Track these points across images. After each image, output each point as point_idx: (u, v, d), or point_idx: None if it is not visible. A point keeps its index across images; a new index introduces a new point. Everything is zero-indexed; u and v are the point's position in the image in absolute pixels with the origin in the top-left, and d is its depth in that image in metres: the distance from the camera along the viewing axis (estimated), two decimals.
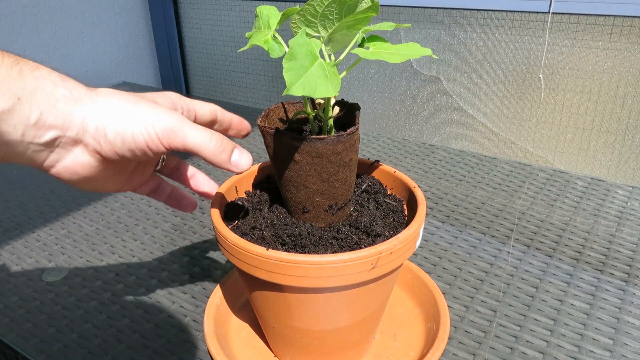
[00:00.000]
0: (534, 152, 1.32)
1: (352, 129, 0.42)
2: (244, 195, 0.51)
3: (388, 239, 0.41)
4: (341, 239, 0.43)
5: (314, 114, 0.46)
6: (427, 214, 0.75)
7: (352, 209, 0.47)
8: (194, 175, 0.49)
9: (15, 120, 0.32)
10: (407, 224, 0.45)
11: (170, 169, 0.48)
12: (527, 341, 0.53)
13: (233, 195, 0.50)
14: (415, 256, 0.66)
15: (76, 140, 0.35)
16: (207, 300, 0.55)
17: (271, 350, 0.52)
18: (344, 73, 0.42)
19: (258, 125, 0.44)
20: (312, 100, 0.46)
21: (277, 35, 0.43)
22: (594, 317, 0.55)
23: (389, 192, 0.51)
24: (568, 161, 1.30)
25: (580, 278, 0.61)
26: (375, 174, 0.53)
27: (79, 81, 0.36)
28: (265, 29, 0.44)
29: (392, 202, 0.49)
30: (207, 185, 0.49)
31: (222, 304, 0.55)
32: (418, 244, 0.44)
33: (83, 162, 0.36)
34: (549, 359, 0.50)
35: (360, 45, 0.43)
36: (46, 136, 0.34)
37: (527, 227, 0.72)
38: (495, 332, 0.54)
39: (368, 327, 0.48)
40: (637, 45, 1.13)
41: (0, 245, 0.71)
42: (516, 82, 1.28)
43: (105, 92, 0.36)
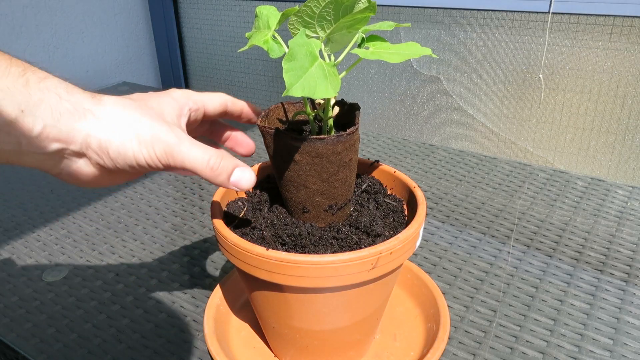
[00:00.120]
0: (534, 152, 1.32)
1: (352, 129, 0.42)
2: (244, 195, 0.51)
3: (388, 239, 0.41)
4: (341, 239, 0.43)
5: (313, 114, 0.46)
6: (427, 214, 0.75)
7: (352, 209, 0.48)
8: (230, 135, 0.48)
9: (18, 132, 0.32)
10: (407, 224, 0.45)
11: (201, 133, 0.48)
12: (527, 341, 0.53)
13: (233, 195, 0.50)
14: (415, 256, 0.66)
15: (79, 153, 0.35)
16: (207, 300, 0.55)
17: (271, 350, 0.52)
18: (344, 73, 0.42)
19: (258, 126, 0.44)
20: (312, 101, 0.46)
21: (276, 35, 0.43)
22: (594, 317, 0.55)
23: (389, 192, 0.51)
24: (568, 161, 1.30)
25: (580, 278, 0.61)
26: (375, 174, 0.53)
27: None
28: (265, 29, 0.44)
29: (392, 202, 0.49)
30: (245, 145, 0.48)
31: (222, 304, 0.56)
32: (418, 244, 0.44)
33: (87, 171, 0.37)
34: (549, 359, 0.50)
35: (360, 45, 0.43)
36: (50, 148, 0.34)
37: (527, 227, 0.72)
38: (495, 332, 0.54)
39: (368, 327, 0.48)
40: (637, 45, 1.13)
41: (0, 245, 0.71)
42: (516, 82, 1.28)
43: (111, 103, 0.36)
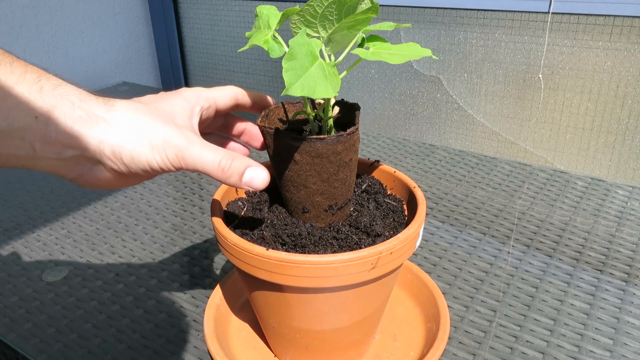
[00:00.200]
0: (534, 152, 1.32)
1: (352, 129, 0.42)
2: (244, 195, 0.51)
3: (388, 239, 0.41)
4: (341, 239, 0.43)
5: (313, 114, 0.46)
6: (427, 214, 0.75)
7: (352, 209, 0.47)
8: (244, 129, 0.49)
9: (32, 138, 0.33)
10: (407, 224, 0.45)
11: (215, 129, 0.48)
12: (527, 341, 0.53)
13: (233, 196, 0.50)
14: (415, 256, 0.66)
15: (94, 160, 0.36)
16: (207, 300, 0.55)
17: (271, 350, 0.52)
18: (344, 73, 0.42)
19: (258, 126, 0.44)
20: (312, 101, 0.46)
21: (277, 35, 0.43)
22: (594, 317, 0.55)
23: (389, 192, 0.51)
24: (568, 161, 1.30)
25: (580, 278, 0.61)
26: (375, 174, 0.53)
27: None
28: (265, 29, 0.44)
29: (392, 202, 0.49)
30: (259, 139, 0.49)
31: (222, 304, 0.55)
32: (418, 244, 0.44)
33: (103, 176, 0.37)
34: (549, 359, 0.50)
35: (360, 45, 0.43)
36: (64, 154, 0.35)
37: (527, 227, 0.72)
38: (495, 332, 0.54)
39: (368, 327, 0.48)
40: (637, 45, 1.13)
41: (0, 245, 0.71)
42: (516, 82, 1.28)
43: (123, 108, 0.36)
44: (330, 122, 0.45)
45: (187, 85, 1.90)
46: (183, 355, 0.52)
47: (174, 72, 1.85)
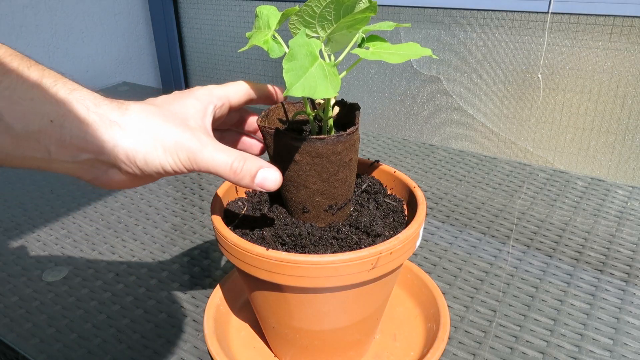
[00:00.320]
0: (534, 152, 1.32)
1: (352, 129, 0.42)
2: (244, 195, 0.51)
3: (388, 239, 0.41)
4: (341, 239, 0.43)
5: (313, 114, 0.46)
6: (427, 214, 0.75)
7: (352, 209, 0.48)
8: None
9: (46, 141, 0.34)
10: (407, 224, 0.45)
11: (230, 125, 0.48)
12: (527, 341, 0.53)
13: (233, 195, 0.50)
14: (415, 256, 0.66)
15: (109, 163, 0.36)
16: (207, 300, 0.55)
17: (271, 350, 0.52)
18: (344, 73, 0.42)
19: (258, 126, 0.44)
20: (312, 101, 0.46)
21: (277, 35, 0.43)
22: (594, 317, 0.55)
23: (389, 192, 0.51)
24: (568, 161, 1.30)
25: (580, 278, 0.61)
26: (375, 174, 0.53)
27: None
28: (265, 29, 0.44)
29: (392, 202, 0.49)
30: None
31: (222, 304, 0.56)
32: (418, 244, 0.44)
33: (118, 178, 0.38)
34: (549, 359, 0.50)
35: (360, 45, 0.43)
36: (79, 157, 0.35)
37: (527, 227, 0.72)
38: (495, 332, 0.54)
39: (368, 327, 0.48)
40: (637, 45, 1.13)
41: (0, 245, 0.71)
42: (516, 82, 1.28)
43: (136, 112, 0.37)
44: (330, 122, 0.45)
45: (187, 85, 1.90)
46: (183, 355, 0.52)
47: (174, 72, 1.85)
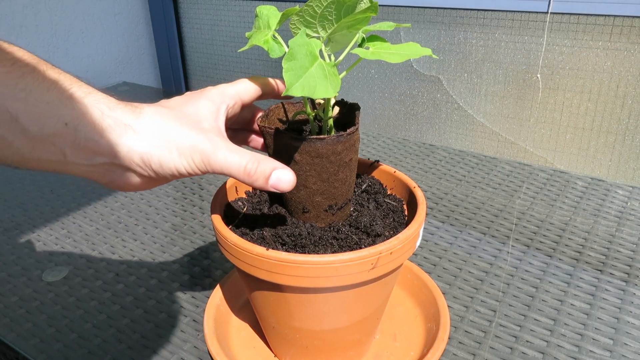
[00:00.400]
0: (534, 152, 1.32)
1: (352, 129, 0.42)
2: (244, 195, 0.51)
3: (388, 239, 0.41)
4: (341, 239, 0.43)
5: (313, 114, 0.46)
6: (427, 214, 0.75)
7: (352, 209, 0.47)
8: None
9: (62, 144, 0.34)
10: (407, 224, 0.45)
11: (243, 123, 0.48)
12: (527, 341, 0.53)
13: (233, 195, 0.50)
14: (415, 256, 0.66)
15: (124, 167, 0.37)
16: (207, 300, 0.55)
17: (271, 350, 0.52)
18: (344, 73, 0.42)
19: (258, 125, 0.44)
20: (312, 101, 0.46)
21: (277, 35, 0.43)
22: (594, 317, 0.55)
23: (389, 192, 0.51)
24: (568, 161, 1.30)
25: (580, 278, 0.61)
26: (375, 174, 0.53)
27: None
28: (265, 29, 0.44)
29: (392, 202, 0.49)
30: None
31: (222, 304, 0.55)
32: (418, 244, 0.44)
33: (134, 181, 0.38)
34: (549, 359, 0.50)
35: (360, 45, 0.43)
36: (94, 160, 0.35)
37: (527, 227, 0.72)
38: (495, 332, 0.54)
39: (368, 327, 0.48)
40: (637, 45, 1.13)
41: (0, 245, 0.71)
42: (516, 82, 1.28)
43: (150, 115, 0.37)
44: (330, 122, 0.45)
45: (187, 85, 1.90)
46: (183, 355, 0.52)
47: (174, 72, 1.85)
